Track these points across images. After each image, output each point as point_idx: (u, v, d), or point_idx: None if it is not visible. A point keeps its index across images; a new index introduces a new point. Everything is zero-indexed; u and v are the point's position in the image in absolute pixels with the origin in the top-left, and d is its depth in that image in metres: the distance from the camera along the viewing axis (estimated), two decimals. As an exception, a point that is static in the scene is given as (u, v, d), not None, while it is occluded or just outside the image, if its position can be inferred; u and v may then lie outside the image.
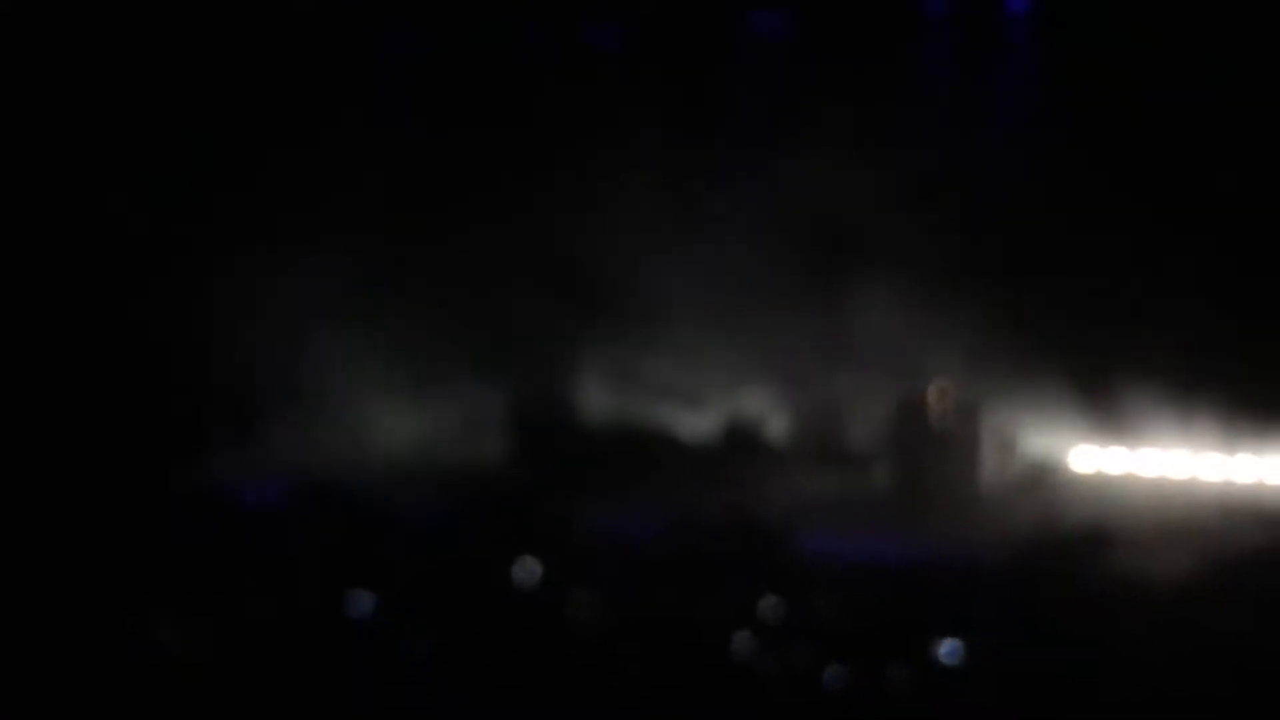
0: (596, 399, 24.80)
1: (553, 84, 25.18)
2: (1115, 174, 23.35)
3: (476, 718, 14.57)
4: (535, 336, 25.33)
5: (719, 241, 24.49)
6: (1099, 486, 22.86)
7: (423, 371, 24.33)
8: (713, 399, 24.68)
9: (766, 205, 25.18)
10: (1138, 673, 15.11)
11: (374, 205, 25.10)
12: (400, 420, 24.58)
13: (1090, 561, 19.20)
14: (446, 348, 24.34)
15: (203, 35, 23.88)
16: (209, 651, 14.92)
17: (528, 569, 17.14)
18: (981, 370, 23.31)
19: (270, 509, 19.61)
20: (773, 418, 24.35)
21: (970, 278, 24.14)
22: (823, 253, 23.93)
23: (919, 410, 23.15)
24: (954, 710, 15.15)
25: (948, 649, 15.55)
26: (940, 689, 15.31)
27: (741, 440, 24.13)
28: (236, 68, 24.00)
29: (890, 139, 24.80)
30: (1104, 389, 23.23)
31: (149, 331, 22.99)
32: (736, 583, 16.94)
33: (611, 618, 15.98)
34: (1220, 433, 22.80)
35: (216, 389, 23.28)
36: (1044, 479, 22.65)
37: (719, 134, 25.67)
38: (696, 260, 24.03)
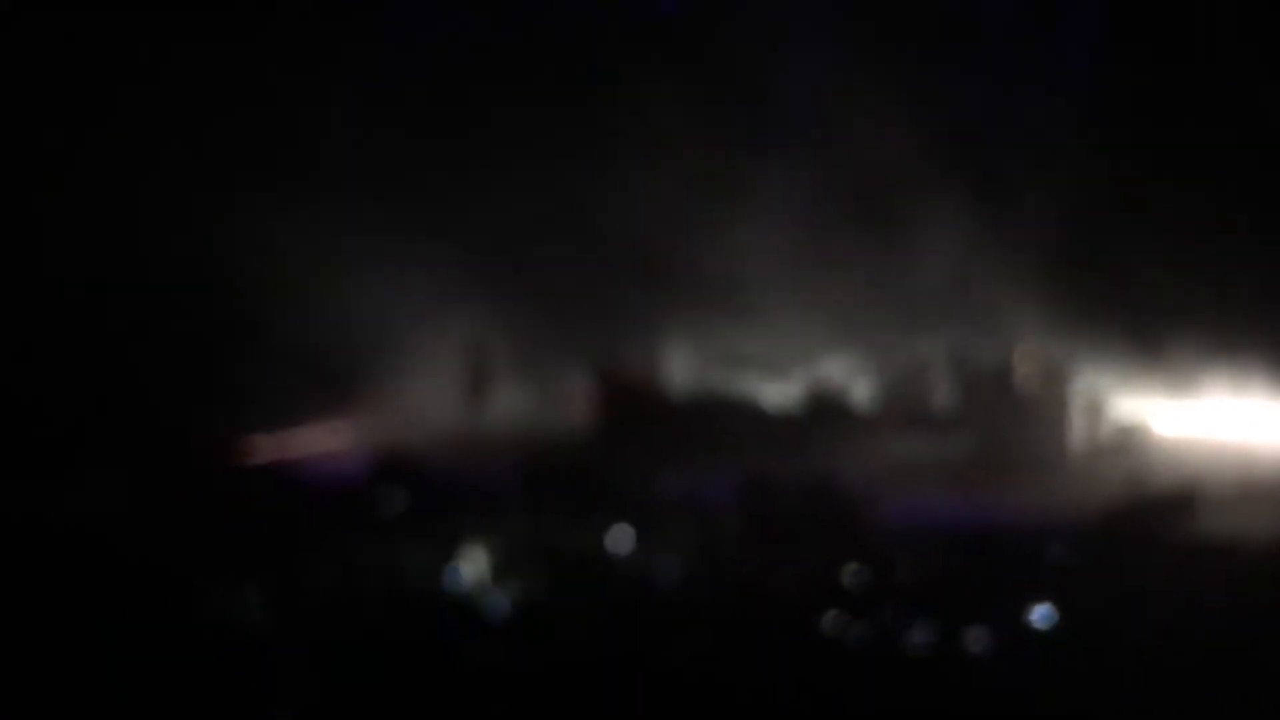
0: (678, 368, 24.84)
1: (622, 56, 25.17)
2: (1189, 134, 23.22)
3: (557, 680, 14.64)
4: (616, 308, 25.40)
5: (799, 210, 24.46)
6: (1186, 448, 22.72)
7: (504, 344, 24.48)
8: (795, 366, 24.68)
9: (846, 172, 25.13)
10: (1225, 633, 15.02)
11: (452, 184, 25.24)
12: (481, 392, 24.74)
13: (1178, 523, 19.08)
14: (528, 321, 24.48)
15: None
16: (288, 621, 15.06)
17: (619, 537, 17.23)
18: (1067, 333, 23.22)
19: (354, 481, 19.80)
20: (856, 384, 24.32)
21: (1053, 242, 24.06)
22: (906, 219, 23.88)
23: (1004, 374, 23.08)
24: (1041, 671, 15.12)
25: (1041, 613, 15.51)
26: (1027, 651, 15.28)
27: (825, 406, 24.10)
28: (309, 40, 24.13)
29: (972, 103, 24.74)
30: (1190, 351, 23.10)
31: (227, 307, 23.15)
32: (819, 548, 16.97)
33: (694, 582, 16.02)
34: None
35: (297, 364, 23.42)
36: (1131, 441, 22.52)
37: (791, 102, 25.61)
38: (776, 229, 24.00)
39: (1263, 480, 21.33)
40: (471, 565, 16.38)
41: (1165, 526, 18.74)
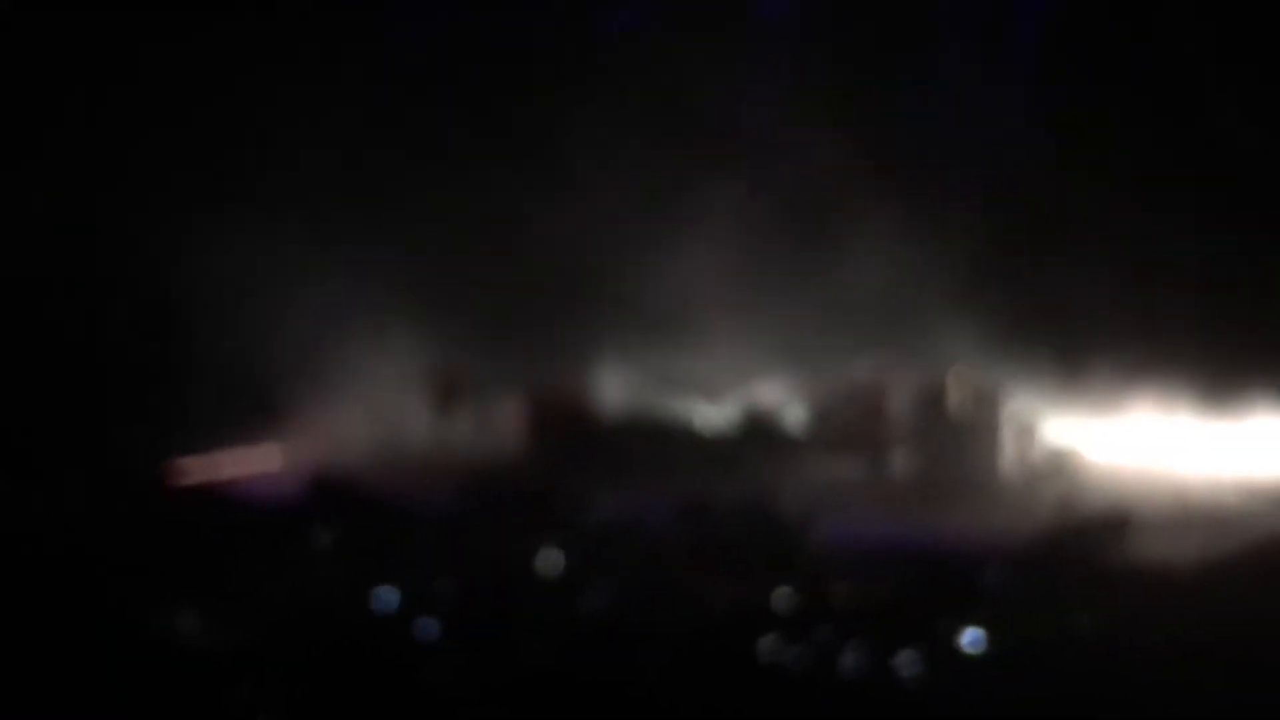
0: (613, 390, 24.91)
1: (557, 77, 25.23)
2: (1133, 160, 23.45)
3: (490, 702, 14.64)
4: (551, 329, 25.44)
5: (734, 231, 24.57)
6: (1118, 472, 22.92)
7: (440, 365, 24.50)
8: (729, 388, 24.78)
9: (780, 194, 25.26)
10: (1155, 657, 15.12)
11: (391, 202, 25.25)
12: (418, 414, 24.73)
13: (1109, 547, 19.22)
14: (463, 342, 24.49)
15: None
16: (226, 643, 15.01)
17: (549, 560, 17.23)
18: (999, 357, 23.38)
19: (288, 503, 19.73)
20: (792, 406, 24.44)
21: (987, 266, 24.28)
22: (838, 241, 24.00)
23: (938, 397, 23.20)
24: (971, 695, 15.19)
25: (970, 638, 15.58)
26: (958, 674, 15.35)
27: (760, 429, 24.20)
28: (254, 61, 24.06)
29: (905, 125, 24.92)
30: (1121, 374, 23.31)
31: (167, 325, 23.06)
32: (754, 570, 17.01)
33: (628, 604, 16.05)
34: (1242, 419, 22.90)
35: (235, 383, 23.35)
36: (1062, 465, 22.68)
37: (730, 121, 25.72)
38: (711, 251, 24.11)
39: (1195, 503, 21.56)
40: (405, 586, 16.36)
41: (1098, 549, 18.88)
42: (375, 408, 24.25)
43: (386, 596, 16.22)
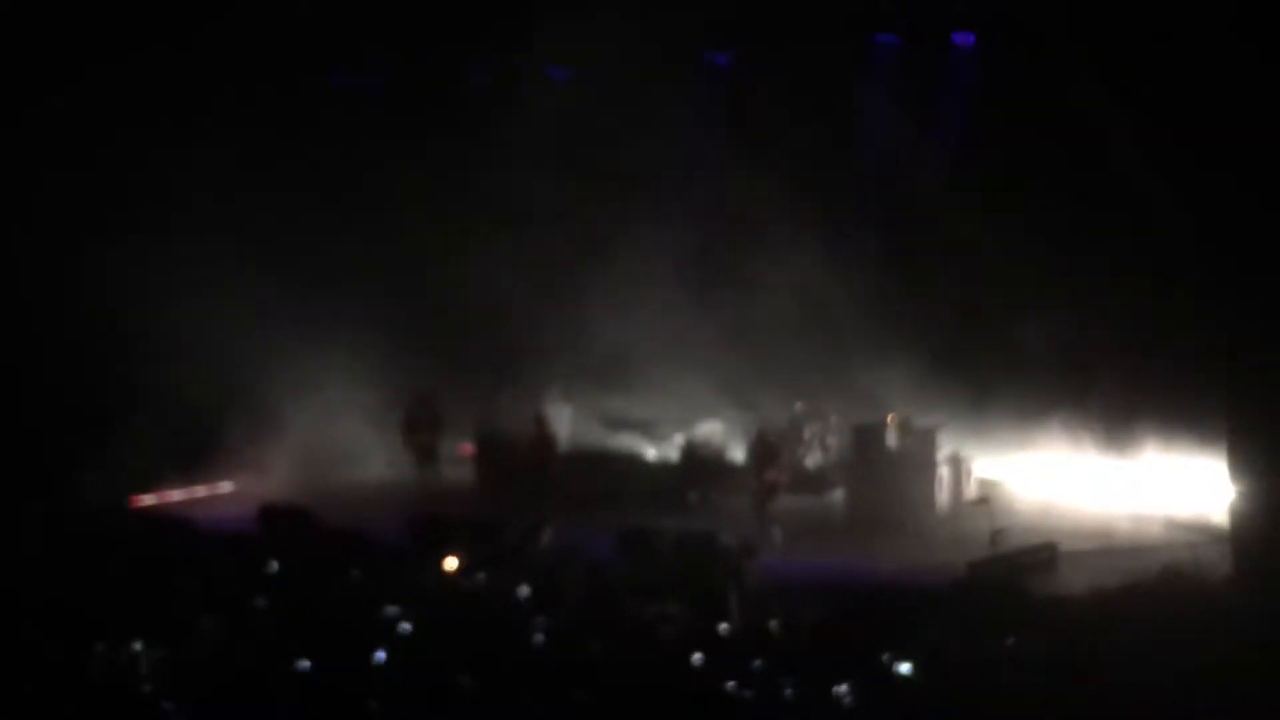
0: (564, 429, 25.21)
1: (509, 128, 25.51)
2: (1056, 208, 23.92)
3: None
4: (499, 369, 25.77)
5: (680, 280, 24.99)
6: (1045, 505, 23.31)
7: (392, 399, 24.78)
8: (676, 427, 25.15)
9: (719, 240, 25.68)
10: (1085, 683, 15.33)
11: (343, 245, 25.52)
12: (369, 446, 25.01)
13: (1039, 578, 19.58)
14: (413, 376, 24.78)
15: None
16: (169, 673, 15.07)
17: (497, 590, 17.39)
18: (934, 397, 23.77)
19: (239, 533, 19.82)
20: (733, 444, 24.78)
21: (919, 309, 24.72)
22: (779, 287, 24.39)
23: (875, 436, 23.54)
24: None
25: (906, 668, 15.75)
26: (894, 702, 15.51)
27: (703, 465, 24.54)
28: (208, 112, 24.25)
29: (836, 173, 25.37)
30: (1046, 413, 23.72)
31: (110, 357, 23.14)
32: (696, 601, 17.20)
33: (573, 633, 16.21)
34: (1159, 455, 23.33)
35: (181, 414, 23.45)
36: (992, 499, 22.96)
37: (672, 175, 26.15)
38: (657, 298, 24.48)
39: (1118, 534, 22.00)
40: (358, 615, 16.47)
41: (1027, 579, 19.22)
42: (326, 442, 24.50)
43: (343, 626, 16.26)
